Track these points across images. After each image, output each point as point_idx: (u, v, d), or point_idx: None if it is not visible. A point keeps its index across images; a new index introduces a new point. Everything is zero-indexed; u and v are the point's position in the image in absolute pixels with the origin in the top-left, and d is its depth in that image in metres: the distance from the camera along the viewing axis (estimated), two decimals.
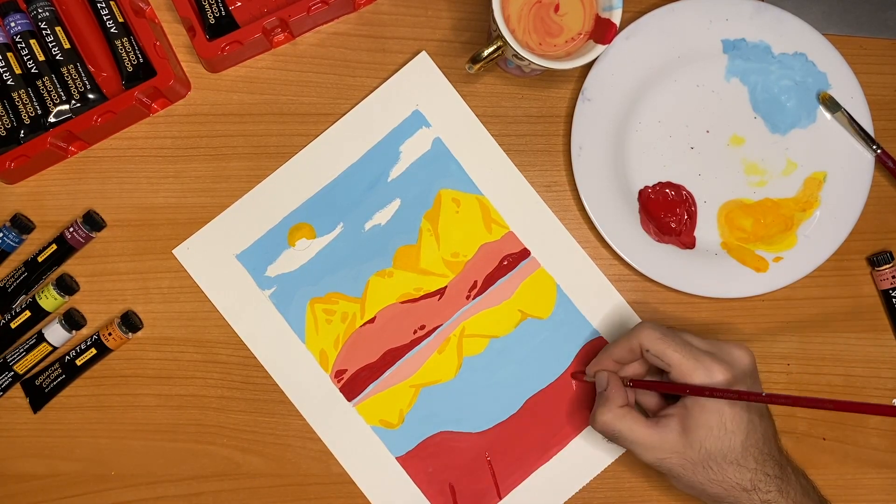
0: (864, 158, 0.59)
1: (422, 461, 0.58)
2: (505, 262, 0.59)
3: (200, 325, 0.59)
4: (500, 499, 0.58)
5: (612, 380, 0.52)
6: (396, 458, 0.58)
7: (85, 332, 0.59)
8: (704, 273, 0.59)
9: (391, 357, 0.59)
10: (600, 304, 0.59)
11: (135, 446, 0.59)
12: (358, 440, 0.58)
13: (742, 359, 0.50)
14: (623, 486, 0.59)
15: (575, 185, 0.58)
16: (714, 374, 0.48)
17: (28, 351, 0.57)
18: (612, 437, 0.51)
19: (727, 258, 0.59)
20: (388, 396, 0.59)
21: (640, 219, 0.59)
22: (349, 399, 0.59)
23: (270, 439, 0.59)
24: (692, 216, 0.59)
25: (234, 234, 0.59)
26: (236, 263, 0.59)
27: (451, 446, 0.59)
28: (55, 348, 0.58)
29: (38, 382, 0.58)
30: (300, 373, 0.59)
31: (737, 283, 0.59)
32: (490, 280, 0.59)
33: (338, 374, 0.59)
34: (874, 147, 0.58)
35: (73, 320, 0.58)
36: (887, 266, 0.59)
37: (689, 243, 0.59)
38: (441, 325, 0.59)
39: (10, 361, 0.58)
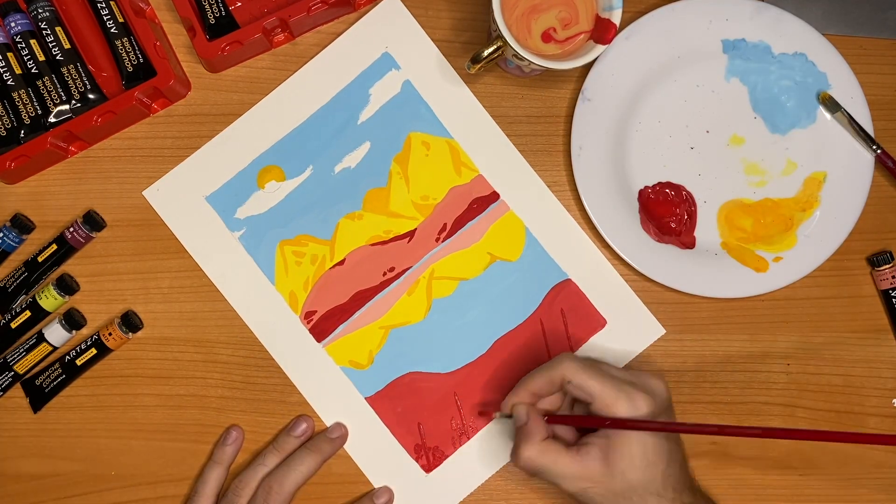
0: (864, 158, 0.59)
1: (391, 401, 0.59)
2: (474, 205, 0.60)
3: (200, 325, 0.59)
4: (469, 438, 0.59)
5: (532, 413, 0.50)
6: (366, 398, 0.59)
7: (85, 332, 0.59)
8: (704, 273, 0.59)
9: (361, 299, 0.59)
10: (569, 246, 0.60)
11: (135, 446, 0.59)
12: (327, 381, 0.59)
13: (659, 388, 0.49)
14: None
15: (575, 185, 0.58)
16: (637, 404, 0.48)
17: (28, 351, 0.57)
18: (534, 472, 0.50)
19: (727, 258, 0.59)
20: (358, 337, 0.59)
21: (640, 219, 0.59)
22: (319, 340, 0.59)
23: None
24: (692, 216, 0.59)
25: (203, 176, 0.59)
26: (206, 205, 0.59)
27: (419, 387, 0.59)
28: (55, 348, 0.58)
29: (38, 382, 0.58)
30: (270, 314, 0.59)
31: (737, 283, 0.59)
32: (459, 223, 0.60)
33: (307, 316, 0.59)
34: (874, 147, 0.58)
35: (73, 320, 0.58)
36: (887, 266, 0.59)
37: (689, 243, 0.59)
38: (410, 267, 0.59)
39: (10, 361, 0.58)
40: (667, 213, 0.59)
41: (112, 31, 0.57)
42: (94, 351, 0.57)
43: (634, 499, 0.48)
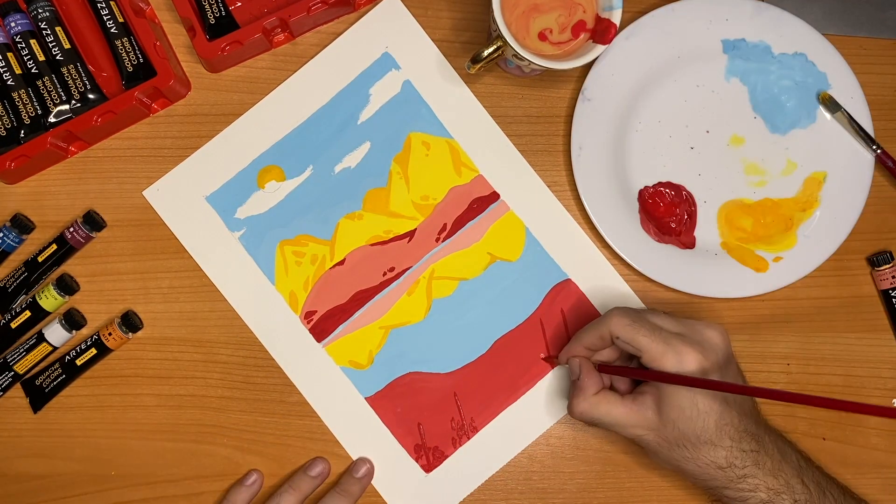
0: (864, 158, 0.59)
1: (391, 401, 0.59)
2: (474, 205, 0.60)
3: (200, 325, 0.59)
4: (469, 438, 0.59)
5: (585, 367, 0.52)
6: (366, 398, 0.59)
7: (85, 332, 0.59)
8: (704, 273, 0.59)
9: (361, 298, 0.59)
10: (569, 246, 0.60)
11: (135, 446, 0.59)
12: (327, 381, 0.59)
13: (714, 339, 0.49)
14: (623, 486, 0.59)
15: (575, 185, 0.58)
16: (684, 359, 0.48)
17: (28, 351, 0.57)
18: (590, 423, 0.52)
19: (727, 258, 0.59)
20: (358, 337, 0.59)
21: (640, 219, 0.59)
22: (319, 340, 0.59)
23: (270, 439, 0.59)
24: (692, 216, 0.59)
25: (203, 176, 0.59)
26: (206, 205, 0.59)
27: (420, 387, 0.59)
28: (55, 348, 0.58)
29: (38, 382, 0.58)
30: (270, 314, 0.59)
31: (737, 283, 0.59)
32: (459, 223, 0.60)
33: (307, 316, 0.59)
34: (874, 147, 0.58)
35: (73, 320, 0.58)
36: (887, 266, 0.59)
37: (689, 243, 0.59)
38: (410, 267, 0.59)
39: (10, 361, 0.58)
40: (667, 213, 0.59)
41: (112, 31, 0.57)
42: (94, 351, 0.57)
43: (687, 446, 0.49)
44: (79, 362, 0.58)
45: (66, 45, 0.57)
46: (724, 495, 0.50)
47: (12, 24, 0.57)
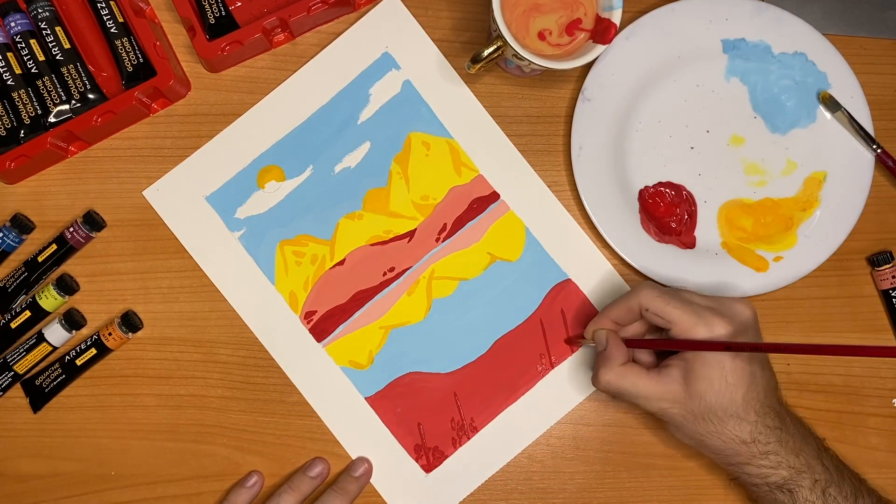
0: (864, 158, 0.59)
1: (391, 401, 0.59)
2: (474, 205, 0.60)
3: (200, 325, 0.59)
4: (469, 438, 0.59)
5: (612, 338, 0.52)
6: (366, 398, 0.59)
7: (85, 332, 0.59)
8: (704, 273, 0.59)
9: (361, 298, 0.59)
10: (569, 246, 0.60)
11: (135, 446, 0.59)
12: (327, 381, 0.59)
13: (743, 313, 0.50)
14: (623, 486, 0.59)
15: (575, 185, 0.58)
16: (715, 328, 0.48)
17: (28, 351, 0.57)
18: (615, 394, 0.52)
19: (727, 258, 0.59)
20: (358, 338, 0.59)
21: (640, 219, 0.59)
22: (319, 340, 0.59)
23: (270, 439, 0.59)
24: (692, 216, 0.59)
25: (203, 176, 0.59)
26: (206, 205, 0.59)
27: (420, 387, 0.59)
28: (55, 348, 0.58)
29: (38, 382, 0.58)
30: (270, 314, 0.59)
31: (737, 283, 0.59)
32: (459, 223, 0.60)
33: (307, 316, 0.59)
34: (874, 147, 0.58)
35: (73, 320, 0.58)
36: (887, 266, 0.59)
37: (689, 243, 0.59)
38: (410, 267, 0.59)
39: (10, 361, 0.58)
40: (667, 213, 0.59)
41: (112, 30, 0.57)
42: (94, 351, 0.57)
43: (713, 420, 0.49)
44: (79, 362, 0.58)
45: (66, 45, 0.57)
46: (745, 472, 0.50)
47: (12, 24, 0.57)
